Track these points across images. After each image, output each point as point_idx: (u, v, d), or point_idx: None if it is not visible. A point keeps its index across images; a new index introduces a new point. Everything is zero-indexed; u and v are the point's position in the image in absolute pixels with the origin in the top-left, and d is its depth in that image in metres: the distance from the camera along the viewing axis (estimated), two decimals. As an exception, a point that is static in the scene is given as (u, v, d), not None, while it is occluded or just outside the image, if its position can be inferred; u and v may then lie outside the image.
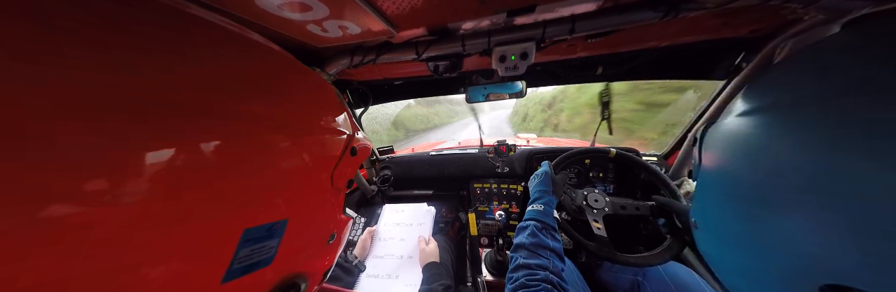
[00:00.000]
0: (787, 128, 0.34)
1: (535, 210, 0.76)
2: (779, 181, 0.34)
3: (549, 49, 0.75)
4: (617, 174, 1.24)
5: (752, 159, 0.39)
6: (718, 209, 0.48)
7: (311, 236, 0.48)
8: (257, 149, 0.34)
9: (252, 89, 0.34)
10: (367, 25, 0.56)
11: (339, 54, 0.71)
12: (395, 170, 1.51)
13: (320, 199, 0.49)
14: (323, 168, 0.48)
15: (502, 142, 1.34)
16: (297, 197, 0.42)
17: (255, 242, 0.35)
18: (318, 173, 0.47)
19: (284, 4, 0.46)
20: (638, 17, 0.53)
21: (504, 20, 0.58)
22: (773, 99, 0.39)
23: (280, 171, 0.38)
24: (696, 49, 0.82)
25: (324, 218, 0.51)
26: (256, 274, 0.37)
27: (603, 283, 1.00)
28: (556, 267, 0.59)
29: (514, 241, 0.69)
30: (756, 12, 0.61)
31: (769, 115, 0.38)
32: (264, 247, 0.37)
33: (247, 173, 0.33)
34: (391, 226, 1.23)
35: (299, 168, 0.42)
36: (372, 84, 1.13)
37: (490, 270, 1.07)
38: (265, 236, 0.37)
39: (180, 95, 0.27)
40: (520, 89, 1.04)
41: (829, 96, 0.31)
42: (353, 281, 0.99)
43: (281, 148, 0.38)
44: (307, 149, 0.43)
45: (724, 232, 0.46)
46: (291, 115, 0.41)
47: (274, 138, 0.37)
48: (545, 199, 0.80)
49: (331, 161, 0.49)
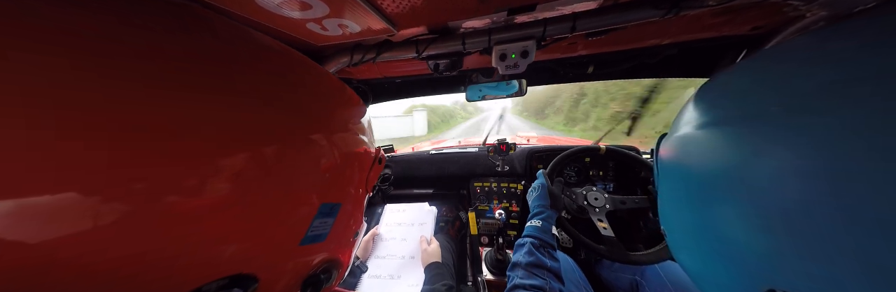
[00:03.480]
0: (736, 140, 0.34)
1: (534, 226, 0.74)
2: (724, 190, 0.35)
3: (550, 47, 0.75)
4: (617, 172, 1.24)
5: (701, 169, 0.40)
6: (675, 218, 0.49)
7: (348, 225, 0.54)
8: (315, 145, 0.42)
9: (328, 98, 0.49)
10: (366, 24, 0.55)
11: (339, 53, 0.70)
12: (395, 169, 1.51)
13: (358, 194, 0.55)
14: (366, 165, 0.57)
15: (502, 141, 1.34)
16: (348, 185, 0.51)
17: (323, 216, 0.43)
18: (363, 168, 0.56)
19: (284, 3, 0.46)
20: (639, 15, 0.53)
21: (504, 18, 0.58)
22: (722, 111, 0.40)
23: (342, 161, 0.47)
24: (697, 47, 0.82)
25: (357, 212, 0.57)
26: (315, 247, 0.44)
27: (602, 281, 1.00)
28: (553, 288, 0.57)
29: (512, 259, 0.68)
30: (758, 10, 0.61)
31: (719, 128, 0.38)
32: (325, 223, 0.44)
33: (317, 163, 0.42)
34: (393, 227, 1.23)
35: (351, 160, 0.50)
36: (372, 83, 1.12)
37: (490, 269, 1.07)
38: (328, 213, 0.44)
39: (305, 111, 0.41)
40: (520, 88, 1.04)
41: (772, 111, 0.31)
42: (354, 281, 0.99)
43: (331, 144, 0.45)
44: (348, 146, 0.50)
45: (686, 239, 0.46)
46: (339, 116, 0.51)
47: (333, 136, 0.45)
48: (545, 215, 0.77)
49: (369, 161, 0.58)
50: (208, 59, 0.30)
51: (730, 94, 0.40)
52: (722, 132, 0.37)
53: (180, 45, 0.28)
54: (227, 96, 0.30)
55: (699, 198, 0.40)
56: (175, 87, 0.26)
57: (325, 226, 0.44)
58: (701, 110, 0.43)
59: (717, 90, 0.43)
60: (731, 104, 0.38)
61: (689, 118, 0.44)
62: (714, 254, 0.38)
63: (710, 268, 0.40)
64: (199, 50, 0.30)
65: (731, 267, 0.35)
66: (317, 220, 0.41)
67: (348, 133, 0.51)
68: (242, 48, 0.35)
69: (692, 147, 0.42)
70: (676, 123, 0.48)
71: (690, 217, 0.43)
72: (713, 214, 0.37)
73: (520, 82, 1.03)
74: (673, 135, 0.48)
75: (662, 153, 0.52)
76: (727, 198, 0.34)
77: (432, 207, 1.30)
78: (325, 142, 0.43)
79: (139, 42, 0.25)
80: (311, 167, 0.40)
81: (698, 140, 0.41)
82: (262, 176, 0.33)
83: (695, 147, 0.42)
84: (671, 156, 0.48)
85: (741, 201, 0.32)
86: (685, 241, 0.46)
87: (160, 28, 0.27)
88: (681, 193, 0.46)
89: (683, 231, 0.47)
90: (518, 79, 1.02)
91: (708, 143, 0.39)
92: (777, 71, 0.33)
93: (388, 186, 1.47)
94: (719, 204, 0.36)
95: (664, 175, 0.52)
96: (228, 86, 0.31)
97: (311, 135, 0.41)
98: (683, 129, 0.45)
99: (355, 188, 0.54)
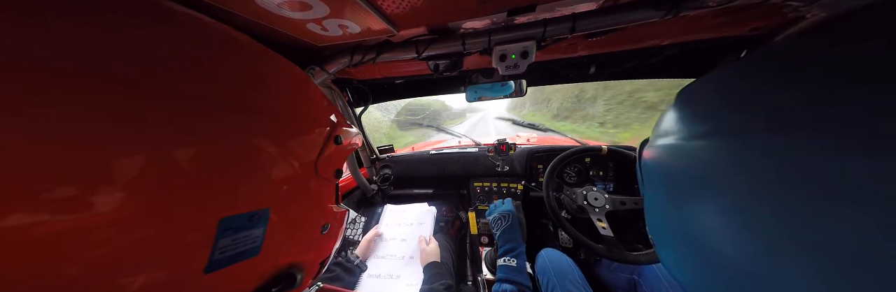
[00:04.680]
0: (724, 152, 0.33)
1: (509, 266, 0.72)
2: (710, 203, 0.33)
3: (550, 48, 0.75)
4: (617, 172, 1.24)
5: (677, 180, 0.39)
6: (658, 226, 0.48)
7: (299, 226, 0.47)
8: (222, 136, 0.33)
9: (204, 73, 0.32)
10: (367, 24, 0.55)
11: (339, 53, 0.70)
12: (395, 169, 1.51)
13: (304, 188, 0.48)
14: (302, 155, 0.47)
15: (502, 141, 1.34)
16: (276, 185, 0.41)
17: (236, 231, 0.34)
18: (298, 160, 0.46)
19: (284, 3, 0.46)
20: (639, 16, 0.53)
21: (504, 19, 0.58)
22: (700, 123, 0.38)
23: (250, 158, 0.37)
24: (697, 47, 0.82)
25: (311, 207, 0.50)
26: (245, 264, 0.36)
27: (601, 281, 1.01)
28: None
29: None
30: (757, 11, 0.61)
31: (701, 140, 0.36)
32: (248, 237, 0.36)
33: (212, 162, 0.32)
34: (393, 227, 1.23)
35: (273, 154, 0.40)
36: (372, 83, 1.13)
37: (490, 269, 1.08)
38: (246, 225, 0.36)
39: (140, 80, 0.25)
40: (520, 88, 1.04)
41: (750, 127, 0.29)
42: (354, 280, 0.99)
43: (249, 134, 0.37)
44: (279, 135, 0.42)
45: (676, 250, 0.45)
46: (256, 100, 0.39)
47: (240, 123, 0.35)
48: (516, 251, 0.75)
49: (312, 148, 0.49)
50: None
51: (708, 104, 0.38)
52: (698, 145, 0.36)
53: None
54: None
55: (679, 209, 0.39)
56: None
57: (248, 241, 0.36)
58: (679, 119, 0.42)
59: (697, 97, 0.42)
60: (707, 115, 0.37)
61: (667, 126, 0.44)
62: (698, 262, 0.37)
63: (699, 279, 0.38)
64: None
65: (718, 280, 0.34)
66: (224, 239, 0.33)
67: (275, 119, 0.42)
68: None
69: (670, 157, 0.41)
70: (657, 129, 0.47)
71: (672, 226, 0.42)
72: (696, 225, 0.36)
73: (520, 83, 1.03)
74: (654, 143, 0.47)
75: (645, 160, 0.51)
76: (706, 210, 0.34)
77: (432, 207, 1.31)
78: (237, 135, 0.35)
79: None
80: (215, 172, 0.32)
81: (675, 150, 0.40)
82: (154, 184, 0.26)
83: (672, 157, 0.41)
84: (653, 165, 0.47)
85: (721, 213, 0.31)
86: (671, 249, 0.46)
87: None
88: (661, 202, 0.45)
89: (668, 239, 0.46)
90: (518, 80, 1.03)
91: (684, 155, 0.38)
92: (757, 80, 0.31)
93: (388, 186, 1.47)
94: (699, 213, 0.35)
95: (647, 182, 0.51)
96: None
97: (226, 123, 0.33)
98: (662, 139, 0.44)
99: (299, 181, 0.46)
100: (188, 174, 0.29)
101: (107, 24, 0.25)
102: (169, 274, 0.29)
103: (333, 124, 0.54)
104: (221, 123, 0.33)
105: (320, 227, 0.52)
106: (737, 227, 0.29)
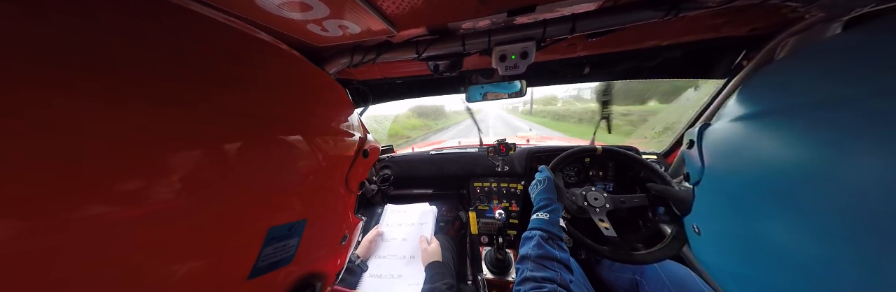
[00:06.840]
0: (803, 130, 0.32)
1: (541, 219, 0.72)
2: (793, 187, 0.32)
3: (550, 48, 0.75)
4: (617, 172, 1.24)
5: (766, 163, 0.36)
6: (724, 215, 0.46)
7: (326, 236, 0.49)
8: (276, 150, 0.35)
9: (266, 90, 0.35)
10: (367, 25, 0.55)
11: (339, 53, 0.71)
12: (396, 170, 1.51)
13: (335, 200, 0.49)
14: (338, 169, 0.49)
15: (502, 141, 1.34)
16: (314, 197, 0.43)
17: (278, 241, 0.37)
18: (334, 174, 0.48)
19: (284, 4, 0.46)
20: (639, 17, 0.53)
21: (504, 20, 0.58)
22: (781, 101, 0.37)
23: (298, 172, 0.39)
24: (697, 48, 0.82)
25: (338, 219, 0.52)
26: (278, 272, 0.38)
27: (603, 281, 1.01)
28: (563, 279, 0.57)
29: (520, 252, 0.67)
30: (757, 11, 0.61)
31: (778, 117, 0.36)
32: (286, 246, 0.38)
33: (267, 173, 0.33)
34: (394, 227, 1.23)
35: (316, 168, 0.42)
36: (372, 83, 1.13)
37: (490, 268, 1.08)
38: (286, 235, 0.38)
39: (198, 95, 0.27)
40: (520, 88, 1.04)
41: (844, 97, 0.28)
42: (355, 280, 0.99)
43: (298, 148, 0.38)
44: (322, 149, 0.43)
45: (729, 240, 0.44)
46: (306, 116, 0.42)
47: (291, 139, 0.37)
48: (552, 207, 0.76)
49: (345, 162, 0.50)
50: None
51: (796, 79, 0.36)
52: (787, 123, 0.33)
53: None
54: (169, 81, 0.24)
55: (759, 196, 0.37)
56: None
57: (285, 249, 0.38)
58: (758, 97, 0.39)
59: (780, 74, 0.40)
60: (798, 89, 0.34)
61: (739, 107, 0.41)
62: (763, 257, 0.35)
63: (757, 272, 0.37)
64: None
65: (788, 275, 0.32)
66: (268, 247, 0.35)
67: (329, 135, 0.45)
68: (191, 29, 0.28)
69: (748, 139, 0.39)
70: (722, 113, 0.45)
71: (737, 217, 0.40)
72: (775, 217, 0.34)
73: (520, 83, 1.03)
74: (721, 126, 0.44)
75: (709, 144, 0.49)
76: (798, 199, 0.30)
77: (432, 207, 1.31)
78: (301, 145, 0.38)
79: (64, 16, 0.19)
80: (265, 179, 0.33)
81: (749, 132, 0.37)
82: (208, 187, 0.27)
83: (751, 140, 0.38)
84: (722, 149, 0.45)
85: (820, 203, 0.28)
86: (723, 239, 0.44)
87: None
88: (732, 188, 0.42)
89: (729, 234, 0.44)
90: (518, 80, 1.03)
91: (771, 136, 0.35)
92: (857, 50, 0.29)
93: (388, 186, 1.47)
94: (785, 207, 0.32)
95: (716, 172, 0.47)
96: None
97: (283, 136, 0.36)
98: (730, 120, 0.41)
99: (332, 194, 0.48)
100: (258, 184, 0.32)
101: (245, 62, 0.31)
102: (220, 280, 0.30)
103: (362, 138, 0.55)
104: (286, 141, 0.36)
105: (341, 238, 0.53)
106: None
